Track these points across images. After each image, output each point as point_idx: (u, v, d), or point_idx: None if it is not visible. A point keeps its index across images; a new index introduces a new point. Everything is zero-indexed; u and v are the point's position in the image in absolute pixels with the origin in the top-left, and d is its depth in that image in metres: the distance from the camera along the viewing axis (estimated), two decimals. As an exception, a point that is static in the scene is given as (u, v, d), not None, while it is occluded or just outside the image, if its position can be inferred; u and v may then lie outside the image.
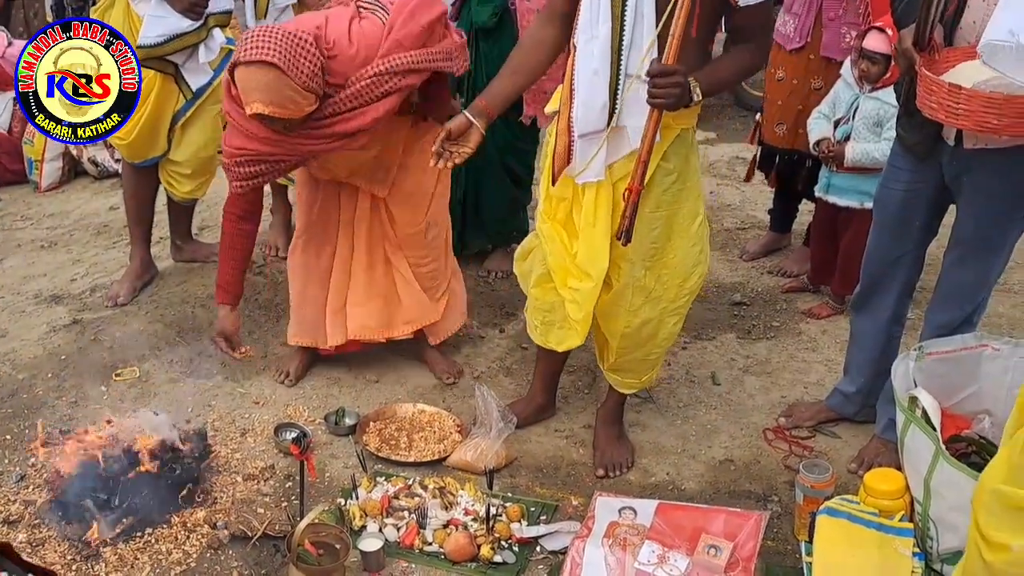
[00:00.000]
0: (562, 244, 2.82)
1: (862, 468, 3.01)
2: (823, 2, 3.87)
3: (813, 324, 3.92)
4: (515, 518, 2.80)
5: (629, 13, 2.49)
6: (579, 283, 2.81)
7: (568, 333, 2.96)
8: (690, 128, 2.70)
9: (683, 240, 2.80)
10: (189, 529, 2.75)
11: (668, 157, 2.66)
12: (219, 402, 3.35)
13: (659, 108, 2.43)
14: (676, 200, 2.74)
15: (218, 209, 4.83)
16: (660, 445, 3.20)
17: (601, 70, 2.55)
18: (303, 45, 2.73)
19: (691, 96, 2.45)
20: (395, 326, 3.46)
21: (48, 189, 5.74)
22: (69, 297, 4.07)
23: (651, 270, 2.81)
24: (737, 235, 4.73)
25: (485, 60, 3.81)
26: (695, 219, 2.81)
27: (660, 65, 2.39)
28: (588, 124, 2.61)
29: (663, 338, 2.95)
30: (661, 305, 2.87)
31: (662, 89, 2.39)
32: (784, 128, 4.08)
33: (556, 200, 2.82)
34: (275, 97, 2.71)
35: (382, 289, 3.41)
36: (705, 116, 6.57)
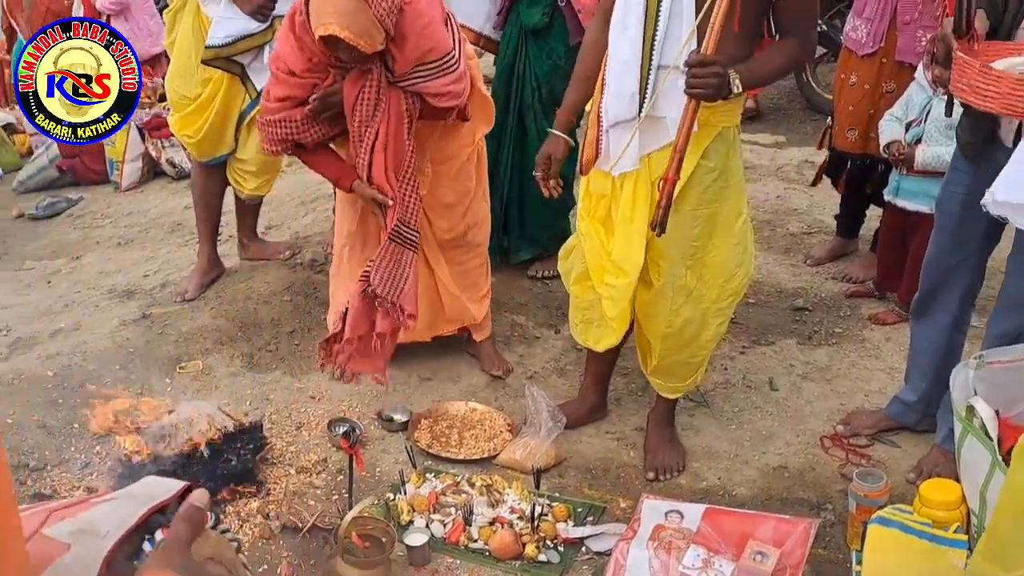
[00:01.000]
0: (599, 241, 2.83)
1: (920, 478, 2.92)
2: (897, 5, 3.79)
3: (877, 331, 3.84)
4: (561, 518, 2.80)
5: (665, 4, 2.50)
6: (615, 279, 2.81)
7: (605, 331, 2.97)
8: (732, 126, 2.68)
9: (725, 239, 2.78)
10: (243, 519, 2.81)
11: (709, 155, 2.65)
12: (277, 396, 3.42)
13: (696, 98, 2.42)
14: (718, 198, 2.72)
15: (285, 209, 4.97)
16: (713, 450, 3.17)
17: (631, 60, 2.56)
18: None
19: (730, 88, 2.43)
20: (438, 326, 3.51)
21: (128, 189, 5.95)
22: (141, 292, 4.20)
23: (692, 269, 2.79)
24: (802, 239, 4.65)
25: (534, 60, 3.83)
26: (738, 218, 2.79)
27: (698, 55, 2.39)
28: (618, 113, 2.62)
29: (706, 340, 2.93)
30: (703, 305, 2.84)
31: (700, 79, 2.38)
32: (855, 133, 4.00)
33: (595, 197, 2.83)
34: (351, 22, 2.70)
35: (424, 294, 3.42)
36: (776, 119, 6.57)
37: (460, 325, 3.53)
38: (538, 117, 3.87)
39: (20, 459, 3.01)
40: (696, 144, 2.58)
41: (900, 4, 3.78)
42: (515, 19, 3.86)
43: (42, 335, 3.88)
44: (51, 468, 3.02)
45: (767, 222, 4.77)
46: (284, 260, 4.28)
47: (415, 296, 3.14)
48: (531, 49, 3.85)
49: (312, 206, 5.04)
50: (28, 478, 2.96)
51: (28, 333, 3.91)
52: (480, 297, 3.54)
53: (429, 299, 3.45)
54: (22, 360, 3.64)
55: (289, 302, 3.96)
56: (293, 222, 4.87)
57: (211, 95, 3.77)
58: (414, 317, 3.12)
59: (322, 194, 5.14)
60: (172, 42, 3.85)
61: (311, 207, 5.03)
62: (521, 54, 3.84)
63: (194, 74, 3.77)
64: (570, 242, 3.08)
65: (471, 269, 3.49)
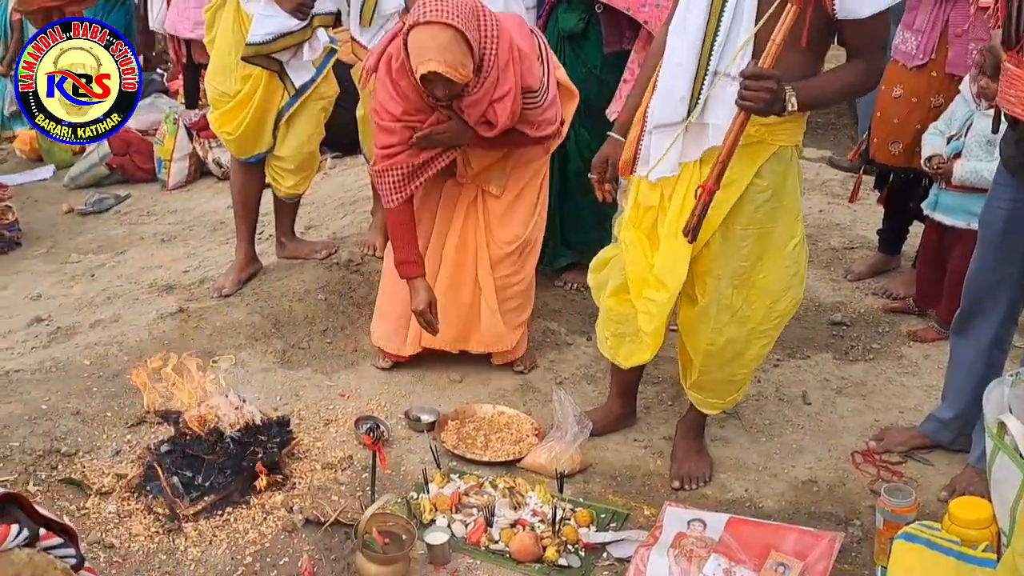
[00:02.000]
0: (643, 253, 2.77)
1: (953, 497, 2.86)
2: (949, 17, 3.74)
3: (916, 348, 3.77)
4: (584, 523, 2.78)
5: (728, 9, 2.44)
6: (655, 293, 2.75)
7: (639, 347, 2.91)
8: (791, 146, 2.61)
9: (775, 261, 2.71)
10: (267, 511, 2.83)
11: (763, 174, 2.58)
12: (307, 392, 3.44)
13: (746, 111, 2.37)
14: (769, 219, 2.65)
15: (324, 210, 5.02)
16: (741, 461, 3.13)
17: (686, 63, 2.51)
18: (473, 14, 2.88)
19: (784, 105, 2.37)
20: (468, 342, 3.52)
21: (175, 187, 6.05)
22: (180, 287, 4.26)
23: (739, 289, 2.73)
24: (843, 254, 4.59)
25: (570, 67, 3.81)
26: (790, 240, 2.72)
27: (755, 67, 2.33)
28: (664, 115, 2.58)
29: (749, 360, 2.88)
30: (748, 326, 2.79)
31: (752, 92, 2.33)
32: (900, 147, 3.94)
33: (643, 208, 2.78)
34: (450, 56, 2.81)
35: (464, 310, 3.46)
36: (824, 135, 6.49)
37: (492, 349, 3.54)
38: (575, 124, 3.85)
39: (52, 444, 3.06)
40: (750, 161, 2.54)
41: (952, 16, 3.73)
42: (554, 23, 3.86)
43: (82, 325, 3.95)
44: (83, 454, 3.06)
45: (809, 236, 4.64)
46: (321, 259, 4.32)
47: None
48: (568, 55, 3.83)
49: (351, 208, 5.08)
50: (59, 463, 3.00)
51: (68, 323, 3.99)
52: (519, 324, 3.53)
53: (468, 313, 3.47)
54: (60, 348, 3.71)
55: (324, 300, 3.99)
56: (332, 223, 4.91)
57: (250, 92, 3.82)
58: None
59: (361, 196, 5.18)
60: (212, 39, 3.90)
61: (350, 208, 5.07)
62: (560, 58, 3.83)
63: (233, 71, 3.81)
64: (604, 254, 3.04)
65: (518, 291, 3.48)
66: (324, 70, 3.86)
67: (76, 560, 1.33)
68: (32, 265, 5.02)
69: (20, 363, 3.59)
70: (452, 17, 2.81)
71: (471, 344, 3.54)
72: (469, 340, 3.53)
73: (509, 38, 2.98)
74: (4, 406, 3.24)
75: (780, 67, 2.34)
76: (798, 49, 2.38)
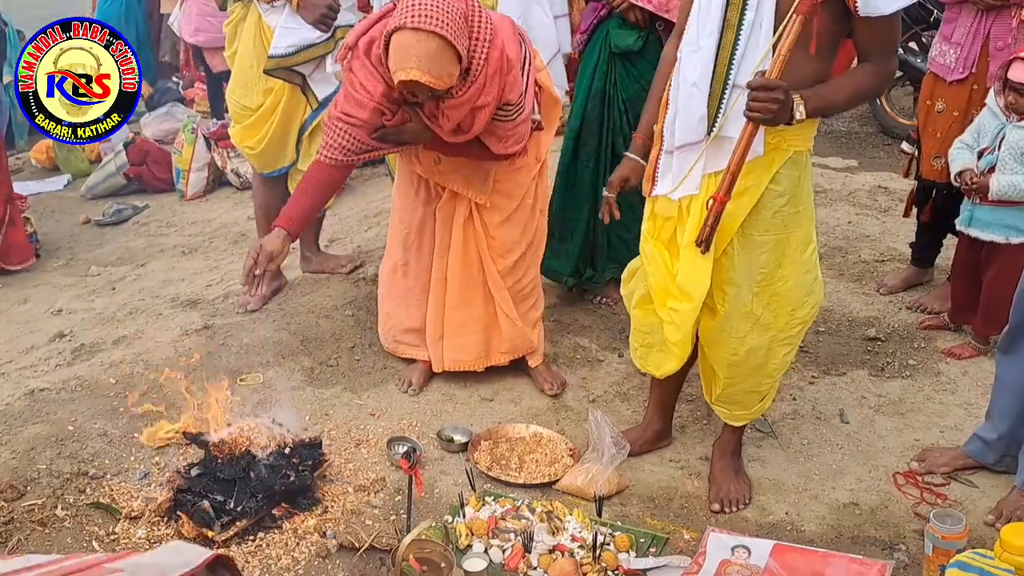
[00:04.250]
0: (664, 264, 2.74)
1: (1000, 521, 2.80)
2: (991, 30, 3.68)
3: (953, 365, 3.70)
4: (623, 548, 2.72)
5: (747, 22, 2.43)
6: (679, 304, 2.73)
7: (667, 357, 2.88)
8: (804, 151, 2.60)
9: (794, 267, 2.68)
10: (299, 536, 2.78)
11: (778, 179, 2.57)
12: (336, 412, 3.39)
13: (754, 122, 2.37)
14: (787, 224, 2.63)
15: (348, 223, 4.97)
16: (780, 483, 3.07)
17: (700, 82, 2.50)
18: (463, 20, 2.76)
19: (792, 114, 2.37)
20: (492, 355, 3.50)
21: (193, 198, 6.01)
22: (203, 302, 4.21)
23: (759, 296, 2.70)
24: (875, 267, 4.52)
25: (621, 84, 3.75)
26: (807, 245, 2.70)
27: (761, 79, 2.33)
28: (686, 136, 2.56)
29: (773, 368, 2.83)
30: (770, 334, 2.75)
31: (760, 103, 2.33)
32: (942, 162, 3.87)
33: (661, 219, 2.75)
34: (434, 67, 2.70)
35: (481, 323, 3.43)
36: (848, 143, 6.43)
37: (517, 354, 3.51)
38: (627, 141, 3.77)
39: (80, 467, 3.01)
40: (766, 168, 2.52)
41: (993, 29, 3.68)
42: (602, 41, 3.76)
43: (105, 342, 3.90)
44: (110, 477, 3.01)
45: (838, 248, 4.65)
46: (346, 274, 4.27)
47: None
48: (619, 73, 3.76)
49: (375, 220, 5.03)
50: (87, 487, 2.95)
51: (91, 340, 3.94)
52: (536, 319, 3.52)
53: (484, 327, 3.44)
54: (85, 367, 3.66)
55: (351, 316, 3.94)
56: (356, 235, 4.87)
57: (273, 105, 3.78)
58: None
59: (384, 208, 5.13)
60: (233, 53, 3.86)
61: (374, 221, 5.03)
62: (610, 78, 3.75)
63: (256, 84, 3.77)
64: (632, 264, 3.00)
65: (528, 289, 3.46)
66: None
67: None
68: (51, 278, 4.99)
69: (45, 381, 3.54)
70: (440, 25, 2.67)
71: (494, 358, 3.50)
72: (491, 353, 3.50)
73: (501, 46, 2.87)
74: (31, 427, 3.19)
75: (789, 75, 2.33)
76: (807, 56, 2.36)
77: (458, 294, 3.41)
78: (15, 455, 3.04)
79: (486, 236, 3.33)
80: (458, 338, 3.46)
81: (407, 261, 3.45)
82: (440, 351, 3.48)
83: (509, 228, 3.34)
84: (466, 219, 3.33)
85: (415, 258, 3.44)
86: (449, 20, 2.70)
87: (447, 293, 3.42)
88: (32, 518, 2.79)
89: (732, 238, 2.62)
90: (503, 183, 3.29)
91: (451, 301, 3.42)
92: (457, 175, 3.25)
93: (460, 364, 3.49)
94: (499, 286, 3.39)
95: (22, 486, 2.91)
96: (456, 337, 3.46)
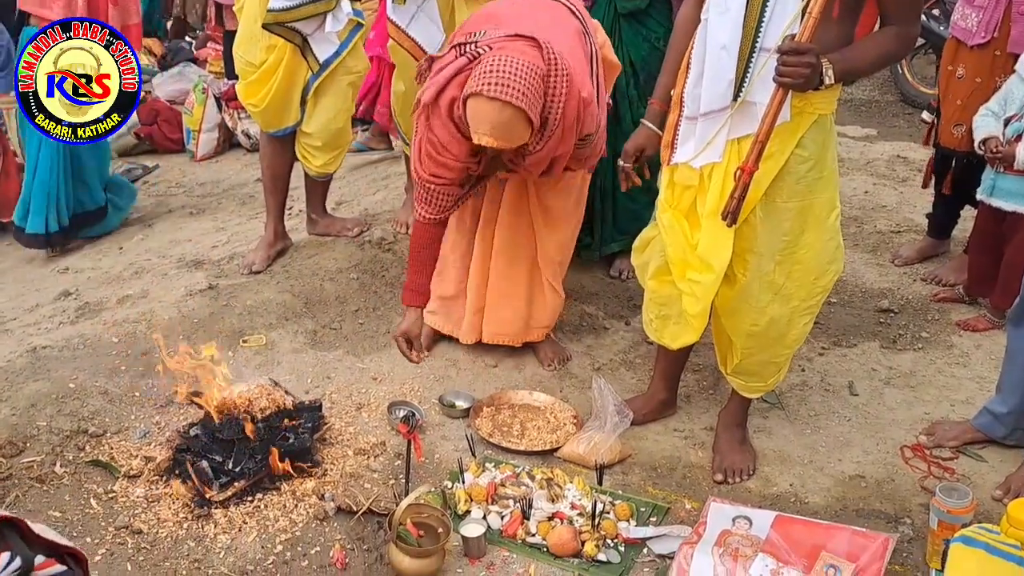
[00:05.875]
0: (683, 234, 2.68)
1: (1008, 496, 2.76)
2: None
3: (966, 338, 3.64)
4: (623, 517, 2.69)
5: None
6: (699, 275, 2.66)
7: (684, 329, 2.82)
8: (828, 114, 2.53)
9: (818, 234, 2.62)
10: (298, 498, 2.75)
11: (804, 144, 2.49)
12: (338, 375, 3.36)
13: (785, 88, 2.30)
14: (812, 190, 2.56)
15: (357, 185, 4.93)
16: (785, 454, 3.02)
17: (730, 46, 2.42)
18: (541, 83, 2.67)
19: (821, 79, 2.30)
20: (531, 331, 3.44)
21: (203, 158, 5.98)
22: (209, 263, 4.18)
23: (781, 265, 2.63)
24: (890, 238, 4.44)
25: (630, 44, 3.66)
26: (832, 212, 2.63)
27: (792, 43, 2.26)
28: (711, 102, 2.48)
29: (792, 339, 2.78)
30: (792, 304, 2.69)
31: (791, 68, 2.26)
32: (963, 129, 3.78)
33: (680, 188, 2.68)
34: (506, 134, 2.67)
35: (523, 298, 3.37)
36: (868, 112, 6.32)
37: (551, 326, 3.46)
38: (634, 105, 3.70)
39: (80, 424, 3.00)
40: (791, 132, 2.45)
41: None
42: (606, 2, 3.67)
43: (110, 301, 3.88)
44: (110, 435, 2.99)
45: (854, 219, 4.57)
46: (352, 237, 4.23)
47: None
48: (625, 33, 3.66)
49: (383, 183, 4.98)
50: (87, 444, 2.94)
51: (96, 298, 3.92)
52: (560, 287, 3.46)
53: (527, 301, 3.38)
54: (88, 325, 3.64)
55: (356, 280, 3.90)
56: (364, 198, 4.82)
57: (276, 62, 3.71)
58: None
59: (393, 172, 5.09)
60: (240, 7, 3.80)
61: (382, 184, 4.98)
62: (615, 39, 3.65)
63: (259, 40, 3.70)
64: (646, 234, 2.93)
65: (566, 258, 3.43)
66: (350, 44, 3.73)
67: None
68: (60, 237, 4.96)
69: (48, 339, 3.53)
70: (516, 95, 2.59)
71: (534, 333, 3.45)
72: (530, 329, 3.44)
73: (576, 94, 2.75)
74: (32, 384, 3.18)
75: (815, 40, 2.27)
76: (829, 20, 2.31)
77: (504, 266, 3.34)
78: (15, 412, 3.02)
79: (540, 207, 3.27)
80: (500, 310, 3.39)
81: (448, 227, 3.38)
82: (479, 322, 3.42)
83: (563, 196, 3.27)
84: (518, 189, 3.27)
85: (455, 227, 3.37)
86: (524, 88, 2.61)
87: (492, 265, 3.36)
88: (31, 475, 2.78)
89: (755, 206, 2.55)
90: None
91: (496, 273, 3.35)
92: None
93: (500, 338, 3.43)
94: (549, 259, 3.33)
95: (21, 442, 2.90)
96: (498, 309, 3.39)
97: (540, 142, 2.79)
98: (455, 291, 3.45)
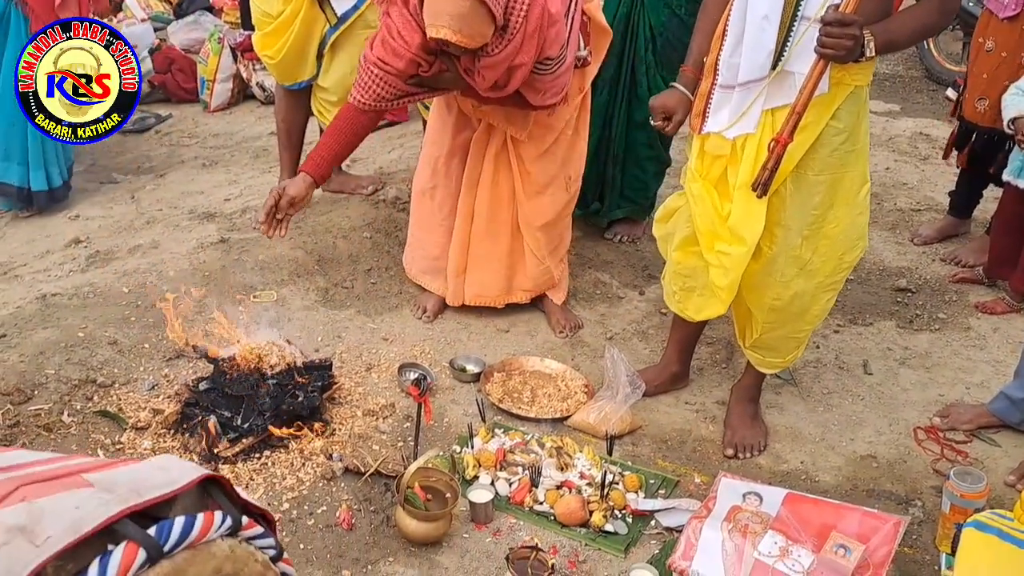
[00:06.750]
0: (713, 205, 2.62)
1: (1021, 482, 2.73)
2: None
3: (984, 320, 3.60)
4: (632, 488, 2.68)
5: None
6: (729, 247, 2.61)
7: (709, 301, 2.77)
8: (864, 86, 2.47)
9: (847, 208, 2.57)
10: (305, 457, 2.74)
11: (839, 116, 2.44)
12: (349, 334, 3.34)
13: (826, 59, 2.25)
14: (844, 163, 2.51)
15: (371, 143, 4.86)
16: (797, 431, 3.00)
17: (772, 15, 2.35)
18: None
19: (863, 51, 2.25)
20: (513, 292, 3.43)
21: (217, 109, 5.90)
22: (221, 216, 4.15)
23: (808, 239, 2.58)
24: (910, 216, 4.39)
25: (650, 9, 3.58)
26: (863, 186, 2.58)
27: (837, 14, 2.20)
28: (750, 71, 2.42)
29: (814, 315, 2.74)
30: (816, 279, 2.64)
31: (834, 39, 2.20)
32: (986, 104, 3.71)
33: (711, 157, 2.62)
34: (466, 26, 2.60)
35: (504, 259, 3.35)
36: (891, 87, 6.22)
37: (539, 291, 3.44)
38: (651, 71, 3.63)
39: (88, 374, 2.98)
40: (827, 104, 2.39)
41: None
42: None
43: (121, 250, 3.85)
44: (119, 386, 2.98)
45: (874, 195, 4.48)
46: (367, 195, 4.18)
47: None
48: None
49: (398, 142, 4.92)
50: (95, 394, 2.93)
51: (107, 247, 3.89)
52: (562, 257, 3.44)
53: (509, 264, 3.37)
54: (99, 274, 3.61)
55: (369, 239, 3.86)
56: (379, 156, 4.76)
57: (293, 14, 3.65)
58: None
59: (409, 131, 5.03)
60: None
61: (397, 143, 4.92)
62: (637, 2, 3.59)
63: None
64: (670, 204, 2.88)
65: (561, 226, 3.37)
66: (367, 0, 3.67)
67: (275, 552, 1.19)
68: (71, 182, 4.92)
69: (58, 287, 3.50)
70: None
71: (516, 295, 3.44)
72: (513, 291, 3.43)
73: (543, 2, 2.70)
74: (41, 332, 3.16)
75: (859, 11, 2.21)
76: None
77: (484, 228, 3.32)
78: (24, 359, 3.01)
79: (520, 171, 3.23)
80: (480, 273, 3.38)
81: (435, 185, 3.35)
82: (461, 285, 3.41)
83: (546, 162, 3.22)
84: (499, 151, 3.23)
85: (443, 183, 3.34)
86: None
87: (473, 227, 3.33)
88: (38, 423, 2.78)
89: (786, 178, 2.50)
90: (543, 115, 3.16)
91: (476, 235, 3.33)
92: (498, 112, 3.13)
93: (481, 299, 3.43)
94: (529, 223, 3.30)
95: (29, 390, 2.89)
96: (478, 272, 3.38)
97: (499, 45, 2.71)
98: (440, 252, 3.42)
